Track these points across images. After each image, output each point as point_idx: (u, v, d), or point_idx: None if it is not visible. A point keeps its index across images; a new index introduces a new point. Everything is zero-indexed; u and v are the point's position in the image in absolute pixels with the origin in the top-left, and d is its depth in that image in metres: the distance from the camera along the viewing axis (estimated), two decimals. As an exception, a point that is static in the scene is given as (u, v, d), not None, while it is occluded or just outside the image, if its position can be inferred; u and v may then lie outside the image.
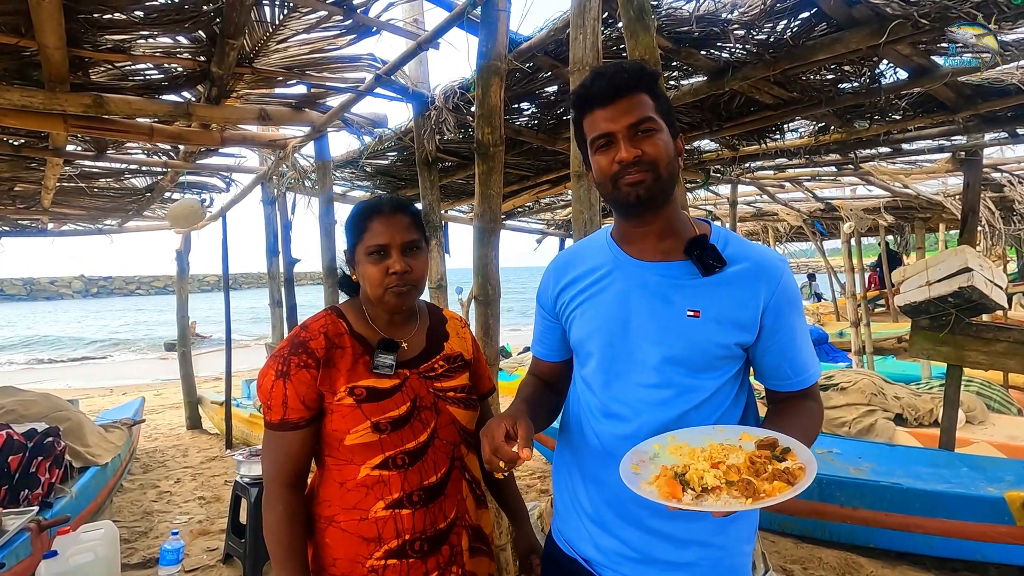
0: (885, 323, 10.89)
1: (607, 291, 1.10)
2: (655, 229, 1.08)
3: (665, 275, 1.06)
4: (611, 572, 1.09)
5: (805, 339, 1.08)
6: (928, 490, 3.14)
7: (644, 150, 0.99)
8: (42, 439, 3.36)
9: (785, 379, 1.08)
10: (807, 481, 0.83)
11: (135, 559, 3.42)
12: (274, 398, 1.17)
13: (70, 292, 55.12)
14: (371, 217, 1.22)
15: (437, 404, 1.25)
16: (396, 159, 4.34)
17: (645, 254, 1.09)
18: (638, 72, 1.03)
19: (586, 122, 1.06)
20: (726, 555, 1.08)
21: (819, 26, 2.27)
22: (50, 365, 17.76)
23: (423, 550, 1.18)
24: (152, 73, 2.87)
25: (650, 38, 1.72)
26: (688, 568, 1.05)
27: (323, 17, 2.50)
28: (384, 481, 1.17)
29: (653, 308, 1.05)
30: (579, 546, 1.14)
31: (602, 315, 1.09)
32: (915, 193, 5.73)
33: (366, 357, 1.22)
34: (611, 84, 1.01)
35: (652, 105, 1.02)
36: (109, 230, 6.88)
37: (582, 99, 1.05)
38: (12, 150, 3.64)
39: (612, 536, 1.09)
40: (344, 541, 1.17)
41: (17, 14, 2.15)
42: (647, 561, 1.06)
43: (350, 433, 1.16)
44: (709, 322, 1.02)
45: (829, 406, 5.29)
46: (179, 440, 6.35)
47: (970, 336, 3.78)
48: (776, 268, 1.06)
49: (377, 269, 1.20)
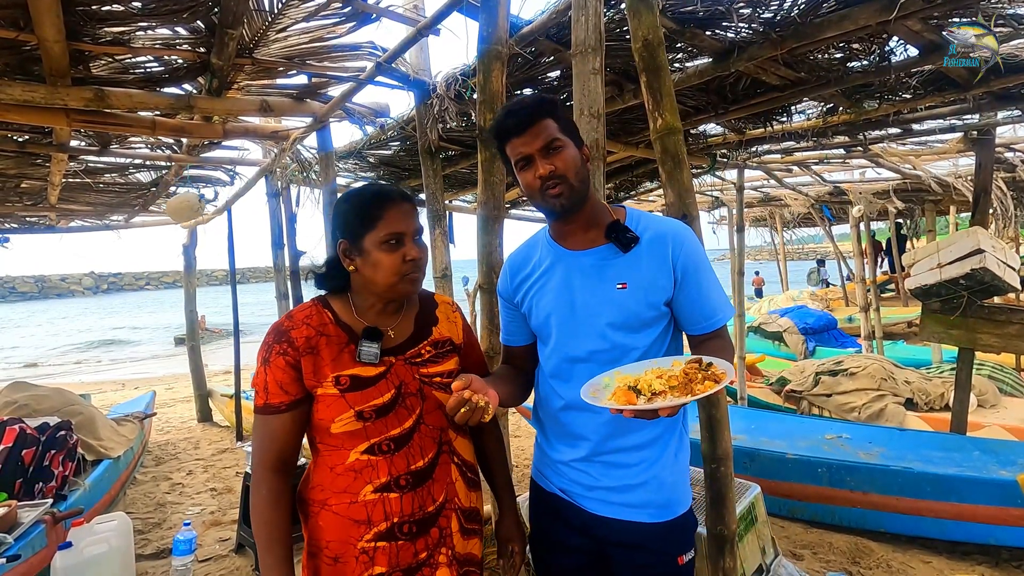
0: (895, 308, 10.78)
1: (552, 279, 1.34)
2: (580, 224, 1.33)
3: (595, 258, 1.31)
4: (583, 499, 1.33)
5: (712, 289, 1.30)
6: (939, 474, 3.12)
7: (556, 165, 1.24)
8: (55, 433, 3.40)
9: (698, 323, 1.30)
10: (728, 379, 1.06)
11: (149, 550, 3.47)
12: (257, 383, 1.22)
13: (80, 289, 55.72)
14: (385, 206, 1.22)
15: (423, 390, 1.27)
16: (399, 149, 4.32)
17: (577, 245, 1.34)
18: (540, 102, 1.27)
19: (508, 148, 1.29)
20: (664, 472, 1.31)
21: (827, 3, 2.22)
22: (64, 362, 17.97)
23: (412, 532, 1.21)
24: (153, 66, 2.86)
25: (653, 17, 1.69)
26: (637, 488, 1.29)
27: (322, 4, 2.47)
28: (372, 465, 1.20)
29: (590, 287, 1.30)
30: (556, 481, 1.38)
31: (553, 300, 1.33)
32: (925, 175, 5.65)
33: (351, 346, 1.24)
34: (520, 118, 1.25)
35: (556, 127, 1.25)
36: (116, 226, 6.91)
37: (501, 132, 1.28)
38: (17, 147, 3.64)
39: (578, 471, 1.33)
40: (336, 524, 1.20)
41: (15, 7, 2.14)
42: (606, 489, 1.30)
43: (335, 422, 1.20)
44: (636, 290, 1.26)
45: (838, 391, 5.27)
46: (190, 433, 6.42)
47: (982, 319, 3.73)
48: (680, 234, 1.30)
49: (394, 257, 1.21)
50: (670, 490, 1.30)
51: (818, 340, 8.42)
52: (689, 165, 1.76)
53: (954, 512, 3.03)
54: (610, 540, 1.30)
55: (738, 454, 3.76)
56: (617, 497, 1.28)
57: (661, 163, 1.73)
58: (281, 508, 1.21)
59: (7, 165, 4.19)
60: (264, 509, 1.20)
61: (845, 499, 3.37)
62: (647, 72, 1.71)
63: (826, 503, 3.45)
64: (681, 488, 1.32)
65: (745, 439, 4.04)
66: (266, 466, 1.21)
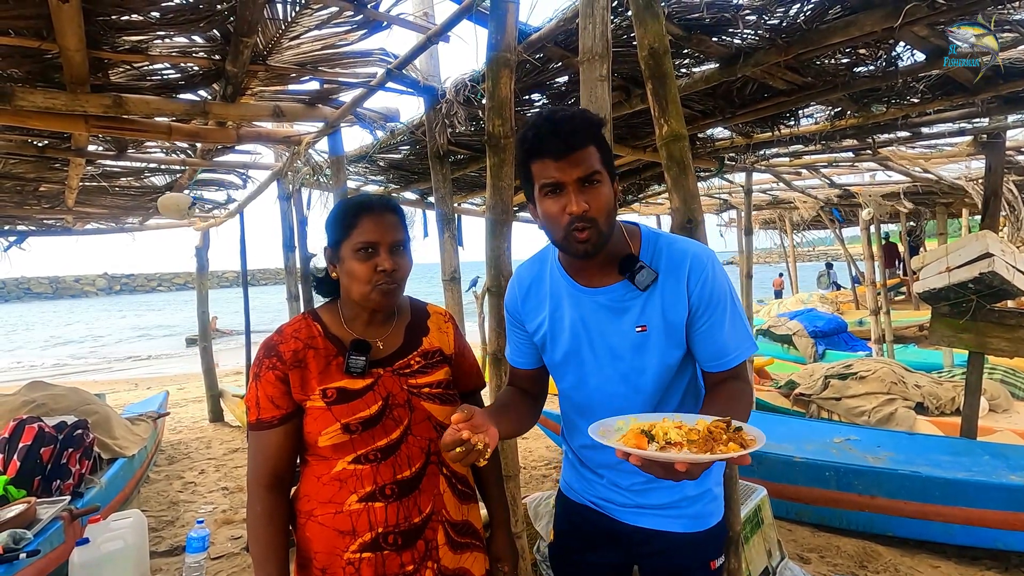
0: (906, 311, 10.70)
1: (566, 317, 1.24)
2: (596, 262, 1.18)
3: (610, 297, 1.19)
4: (617, 511, 1.29)
5: (731, 324, 1.17)
6: (947, 478, 3.11)
7: (591, 204, 1.08)
8: (72, 431, 3.48)
9: (711, 360, 1.18)
10: (758, 446, 0.92)
11: (163, 547, 3.54)
12: (249, 400, 1.22)
13: (94, 290, 56.43)
14: (360, 214, 1.22)
15: (411, 401, 1.26)
16: (409, 153, 4.37)
17: (590, 281, 1.22)
18: (588, 125, 1.10)
19: (535, 166, 1.11)
20: (701, 485, 1.26)
21: (833, 9, 2.23)
22: (80, 360, 18.21)
23: (397, 544, 1.19)
24: (169, 73, 2.92)
25: (659, 25, 1.71)
26: (674, 504, 1.25)
27: (334, 13, 2.52)
28: (357, 475, 1.20)
29: (607, 329, 1.20)
30: (587, 493, 1.33)
31: (569, 339, 1.23)
32: (936, 178, 5.61)
33: (339, 359, 1.23)
34: (565, 139, 1.06)
35: (599, 157, 1.09)
36: (131, 228, 7.02)
37: (535, 148, 1.10)
38: (37, 151, 3.73)
39: (611, 490, 1.29)
40: (322, 534, 1.20)
41: (39, 18, 2.21)
42: (641, 507, 1.27)
43: (322, 434, 1.19)
44: (656, 333, 1.16)
45: (848, 395, 5.24)
46: (202, 432, 6.50)
47: (992, 322, 3.71)
48: (697, 262, 1.16)
49: (366, 266, 1.20)
50: (707, 502, 1.27)
51: (828, 343, 8.37)
52: (694, 170, 1.78)
53: (962, 517, 3.02)
54: (642, 551, 1.28)
55: (745, 457, 3.78)
56: (654, 511, 1.26)
57: (667, 169, 1.76)
58: (275, 525, 1.20)
59: (26, 169, 4.29)
60: (257, 527, 1.19)
61: (853, 503, 3.37)
62: (653, 79, 1.74)
63: (834, 507, 3.45)
64: (717, 500, 1.30)
65: (753, 442, 4.04)
66: (260, 483, 1.21)
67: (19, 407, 3.88)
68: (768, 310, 11.62)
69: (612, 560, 1.31)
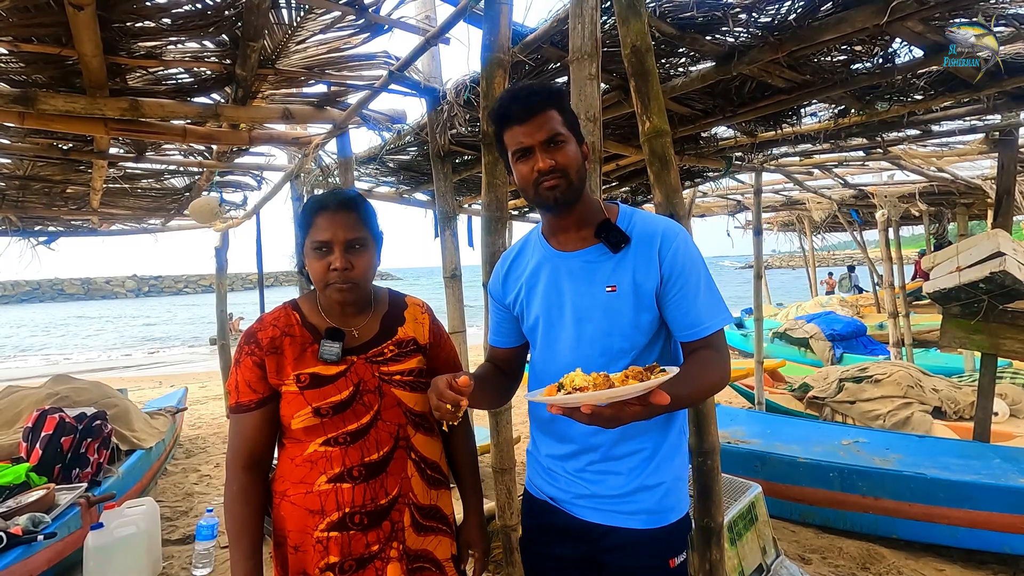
0: (929, 315, 10.44)
1: (542, 281, 1.30)
2: (573, 221, 1.27)
3: (584, 259, 1.26)
4: (573, 507, 1.30)
5: (704, 293, 1.21)
6: (953, 480, 3.06)
7: (557, 160, 1.18)
8: (91, 422, 3.62)
9: (685, 329, 1.21)
10: (657, 381, 0.92)
11: (176, 535, 3.65)
12: (230, 384, 1.29)
13: (124, 291, 58.03)
14: (317, 213, 1.26)
15: (381, 387, 1.30)
16: (416, 154, 4.44)
17: (567, 245, 1.29)
18: (548, 92, 1.20)
19: (506, 136, 1.23)
20: (657, 478, 1.25)
21: (823, 6, 2.24)
22: (106, 357, 18.77)
23: (363, 523, 1.23)
24: (183, 77, 3.04)
25: (641, 24, 1.75)
26: (630, 496, 1.25)
27: (337, 17, 2.60)
28: (327, 457, 1.24)
29: (579, 290, 1.25)
30: (546, 489, 1.36)
31: (543, 303, 1.29)
32: (952, 177, 5.50)
33: (315, 346, 1.28)
34: (526, 104, 1.18)
35: (561, 120, 1.20)
36: (153, 229, 7.26)
37: (502, 117, 1.21)
38: (61, 154, 3.91)
39: (569, 479, 1.30)
40: (294, 514, 1.25)
41: (58, 26, 2.33)
42: (598, 497, 1.27)
43: (294, 417, 1.24)
44: (625, 293, 1.21)
45: (862, 399, 5.15)
46: (220, 428, 6.67)
47: (1005, 323, 3.64)
48: (669, 232, 1.23)
49: (320, 265, 1.25)
50: (664, 497, 1.25)
51: (846, 347, 8.23)
52: (676, 166, 1.81)
53: (968, 519, 2.97)
54: (603, 547, 1.27)
55: (749, 457, 3.76)
56: (609, 504, 1.25)
57: (649, 164, 1.79)
58: (250, 504, 1.25)
59: (53, 171, 4.49)
60: (232, 505, 1.25)
61: (857, 504, 3.33)
62: (636, 77, 1.77)
63: (837, 508, 3.42)
64: (675, 494, 1.28)
65: (759, 443, 4.01)
66: (237, 463, 1.26)
67: (43, 399, 4.05)
68: (786, 313, 11.45)
69: (576, 553, 1.32)
